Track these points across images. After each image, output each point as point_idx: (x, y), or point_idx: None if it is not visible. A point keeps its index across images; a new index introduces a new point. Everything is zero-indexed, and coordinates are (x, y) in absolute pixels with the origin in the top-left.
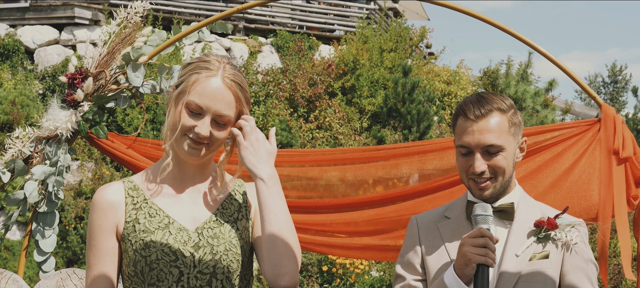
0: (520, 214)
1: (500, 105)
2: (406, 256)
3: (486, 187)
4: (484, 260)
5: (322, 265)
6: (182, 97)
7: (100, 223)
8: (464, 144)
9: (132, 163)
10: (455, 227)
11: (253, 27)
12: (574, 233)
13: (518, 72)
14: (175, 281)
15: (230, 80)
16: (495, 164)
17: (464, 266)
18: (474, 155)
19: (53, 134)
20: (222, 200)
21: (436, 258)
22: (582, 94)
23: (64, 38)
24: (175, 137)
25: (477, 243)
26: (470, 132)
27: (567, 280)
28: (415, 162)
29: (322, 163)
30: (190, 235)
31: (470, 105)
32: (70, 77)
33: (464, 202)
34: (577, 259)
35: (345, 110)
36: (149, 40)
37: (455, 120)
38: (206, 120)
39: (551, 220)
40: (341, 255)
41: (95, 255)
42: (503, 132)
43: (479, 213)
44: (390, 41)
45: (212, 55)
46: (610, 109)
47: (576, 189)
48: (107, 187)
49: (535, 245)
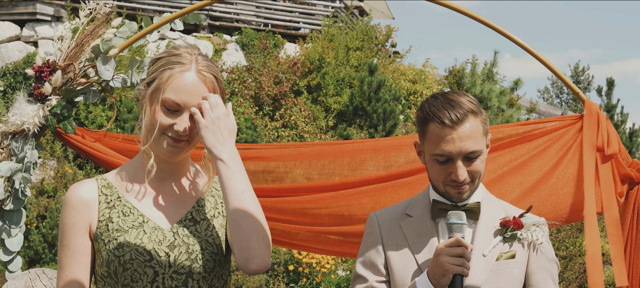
0: (485, 213)
1: (472, 107)
2: (367, 255)
3: (465, 190)
4: (461, 270)
5: (288, 264)
6: (156, 95)
7: (73, 222)
8: (443, 152)
9: (101, 158)
10: (419, 226)
11: (218, 25)
12: (539, 232)
13: (483, 71)
14: (150, 281)
15: (205, 73)
16: (474, 169)
17: (440, 276)
18: (454, 162)
19: (19, 129)
20: (198, 197)
21: (401, 258)
22: (544, 93)
23: (25, 34)
24: (154, 137)
25: (454, 253)
26: (450, 140)
27: (533, 280)
28: (381, 160)
29: (287, 158)
30: (165, 234)
31: (444, 110)
32: (38, 70)
33: (426, 199)
34: (542, 259)
35: (311, 109)
36: (119, 32)
37: (425, 125)
38: (185, 117)
39: (517, 219)
40: (305, 250)
41: (67, 255)
42: (479, 136)
43: (454, 222)
44: (356, 40)
45: (182, 48)
46: (593, 105)
47: (561, 186)
48: (80, 185)
49: (502, 244)
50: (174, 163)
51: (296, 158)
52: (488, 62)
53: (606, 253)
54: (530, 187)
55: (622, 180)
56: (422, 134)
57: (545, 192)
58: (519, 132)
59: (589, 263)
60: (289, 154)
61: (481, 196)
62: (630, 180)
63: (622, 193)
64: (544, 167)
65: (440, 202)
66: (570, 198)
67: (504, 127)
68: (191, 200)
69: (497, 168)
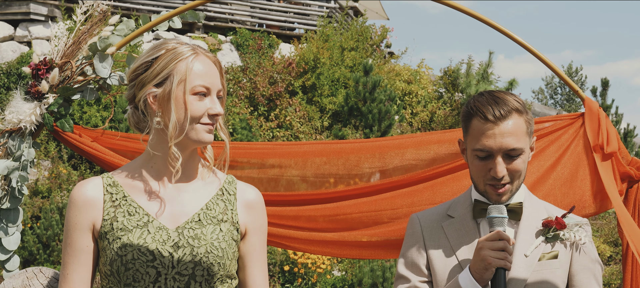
0: (527, 214)
1: (518, 106)
2: (409, 256)
3: (504, 192)
4: (503, 263)
5: (284, 264)
6: (180, 88)
7: (77, 221)
8: (484, 147)
9: (99, 157)
10: (461, 227)
11: (212, 25)
12: (582, 232)
13: (478, 72)
14: (152, 282)
15: (209, 55)
16: (515, 168)
17: (483, 270)
18: (494, 159)
19: (16, 127)
20: (208, 200)
21: (443, 259)
22: (539, 94)
23: (19, 34)
24: (187, 130)
25: (496, 246)
26: (492, 135)
27: (576, 281)
28: (376, 161)
29: (282, 156)
30: (169, 234)
31: (488, 106)
32: (35, 68)
33: (468, 200)
34: (585, 259)
35: (306, 109)
36: (116, 30)
37: (469, 121)
38: (214, 98)
39: (560, 219)
40: (301, 249)
41: (70, 254)
42: (522, 134)
43: (495, 216)
44: (351, 40)
45: (171, 41)
46: (593, 103)
47: (559, 185)
48: (85, 183)
49: (544, 244)
50: (184, 162)
51: (293, 156)
52: (483, 62)
53: (601, 254)
54: (529, 188)
55: (622, 178)
56: (466, 129)
57: (543, 193)
58: None
59: None
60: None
61: (523, 196)
62: (630, 179)
63: (622, 192)
64: (542, 168)
65: (481, 201)
66: (567, 198)
67: None
68: (200, 202)
69: None
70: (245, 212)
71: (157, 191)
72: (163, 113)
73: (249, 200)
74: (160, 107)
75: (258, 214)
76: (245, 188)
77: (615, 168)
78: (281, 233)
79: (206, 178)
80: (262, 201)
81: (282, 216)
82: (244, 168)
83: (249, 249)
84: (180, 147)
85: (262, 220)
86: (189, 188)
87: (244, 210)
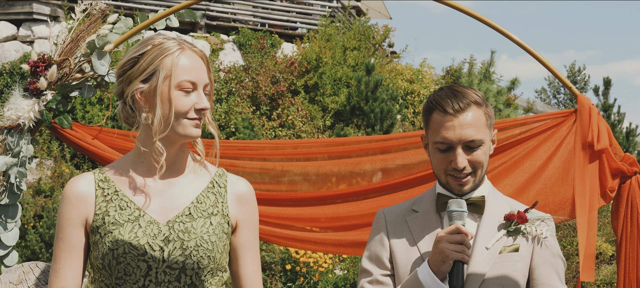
0: (490, 208)
1: (477, 99)
2: (373, 250)
3: (466, 182)
4: (461, 256)
5: (285, 263)
6: (166, 83)
7: (69, 216)
8: (444, 139)
9: (97, 154)
10: (425, 221)
11: (215, 24)
12: (543, 227)
13: (480, 71)
14: (143, 275)
15: (196, 50)
16: (476, 159)
17: (441, 263)
18: (454, 150)
19: (15, 123)
20: (198, 193)
21: (405, 253)
22: (541, 94)
23: (22, 34)
24: (174, 125)
25: (454, 239)
26: (451, 126)
27: (537, 274)
28: (378, 160)
29: (284, 156)
30: (160, 228)
31: (447, 99)
32: (33, 65)
33: (432, 195)
34: (547, 253)
35: (308, 108)
36: (114, 28)
37: (429, 114)
38: (200, 93)
39: (521, 213)
40: (304, 248)
41: (62, 248)
42: (482, 126)
43: (454, 210)
44: (354, 39)
45: (159, 37)
46: (586, 100)
47: (551, 185)
48: (78, 179)
49: (505, 238)
50: (174, 155)
51: (296, 155)
52: (485, 62)
53: (603, 252)
54: (520, 187)
55: (614, 174)
56: (427, 123)
57: (535, 191)
58: (514, 133)
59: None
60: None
61: (487, 191)
62: (622, 174)
63: (614, 188)
64: (533, 167)
65: (445, 194)
66: (558, 196)
67: (495, 128)
68: (190, 196)
69: (489, 171)
70: (236, 205)
71: (148, 185)
72: (150, 108)
73: (239, 193)
74: (146, 102)
75: (249, 207)
76: (236, 180)
77: (606, 165)
78: (284, 234)
79: (197, 171)
80: (253, 193)
81: (284, 217)
82: (246, 167)
83: (240, 242)
84: (168, 141)
85: (254, 213)
86: (180, 182)
87: (235, 202)
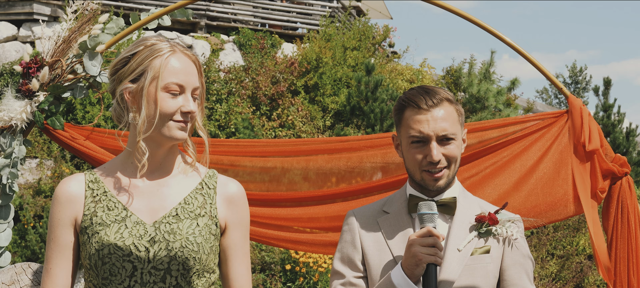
0: (461, 209)
1: (448, 96)
2: (345, 252)
3: (441, 176)
4: (434, 259)
5: (285, 263)
6: (153, 84)
7: (59, 217)
8: (418, 133)
9: (89, 154)
10: (396, 222)
11: (215, 25)
12: (513, 228)
13: (480, 71)
14: (129, 276)
15: (188, 53)
16: (450, 153)
17: (414, 266)
18: (428, 144)
19: (7, 124)
20: (187, 194)
21: (378, 254)
22: (543, 94)
23: (22, 34)
24: (159, 127)
25: (426, 243)
26: (425, 120)
27: (507, 275)
28: (378, 156)
29: (284, 154)
30: (146, 229)
31: (420, 96)
32: (25, 66)
33: (403, 196)
34: (517, 254)
35: (308, 109)
36: (106, 28)
37: (401, 112)
38: (188, 96)
39: (492, 215)
40: (304, 250)
41: (53, 249)
42: (454, 121)
43: (425, 212)
44: (354, 39)
45: (152, 38)
46: (577, 101)
47: (542, 185)
48: (68, 180)
49: (477, 240)
50: (163, 155)
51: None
52: (485, 62)
53: None
54: (510, 188)
55: (604, 175)
56: (399, 122)
57: (526, 192)
58: (506, 132)
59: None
60: (287, 151)
61: (457, 192)
62: (613, 175)
63: (604, 189)
64: (524, 168)
65: (416, 196)
66: (550, 197)
67: (486, 127)
68: (179, 197)
69: (479, 171)
70: (225, 207)
71: (137, 186)
72: (137, 109)
73: (229, 194)
74: (134, 102)
75: (239, 208)
76: (226, 182)
77: (597, 165)
78: (283, 236)
79: (187, 173)
80: (244, 195)
81: (283, 218)
82: (247, 166)
83: (229, 243)
84: (155, 143)
85: (244, 214)
86: (169, 182)
87: (224, 204)
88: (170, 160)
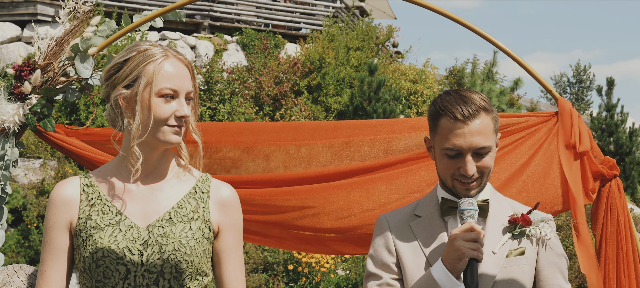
0: (493, 211)
1: (484, 104)
2: (379, 256)
3: (473, 187)
4: (476, 254)
5: (287, 263)
6: (147, 90)
7: (54, 221)
8: (454, 146)
9: (82, 155)
10: (429, 226)
11: (218, 25)
12: (547, 228)
13: (484, 71)
14: (122, 278)
15: (181, 58)
16: (484, 165)
17: (456, 261)
18: (463, 157)
19: (0, 127)
20: (180, 198)
21: (413, 257)
22: (547, 94)
23: (26, 35)
24: (154, 132)
25: (469, 237)
26: (461, 134)
27: (543, 276)
28: (378, 141)
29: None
30: (140, 232)
31: (457, 105)
32: (18, 69)
33: (434, 199)
34: (551, 254)
35: (311, 109)
36: (98, 30)
37: (437, 119)
38: (181, 101)
39: (525, 216)
40: (304, 250)
41: (48, 251)
42: (490, 133)
43: (466, 208)
44: (357, 40)
45: (144, 43)
46: (566, 103)
47: (533, 183)
48: (63, 183)
49: (511, 241)
50: (157, 159)
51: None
52: (488, 62)
53: None
54: (502, 184)
55: (594, 177)
56: (434, 128)
57: (516, 190)
58: None
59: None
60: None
61: (489, 194)
62: (602, 177)
63: (594, 190)
64: (515, 165)
65: (448, 199)
66: (540, 195)
67: None
68: (172, 200)
69: None
70: (218, 210)
71: (131, 190)
72: (131, 114)
73: (222, 198)
74: (128, 108)
75: (232, 212)
76: (220, 186)
77: (587, 167)
78: (283, 235)
79: (181, 176)
80: (237, 199)
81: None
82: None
83: (223, 247)
84: (149, 147)
85: (237, 218)
86: (163, 186)
87: (217, 208)
88: (164, 164)
